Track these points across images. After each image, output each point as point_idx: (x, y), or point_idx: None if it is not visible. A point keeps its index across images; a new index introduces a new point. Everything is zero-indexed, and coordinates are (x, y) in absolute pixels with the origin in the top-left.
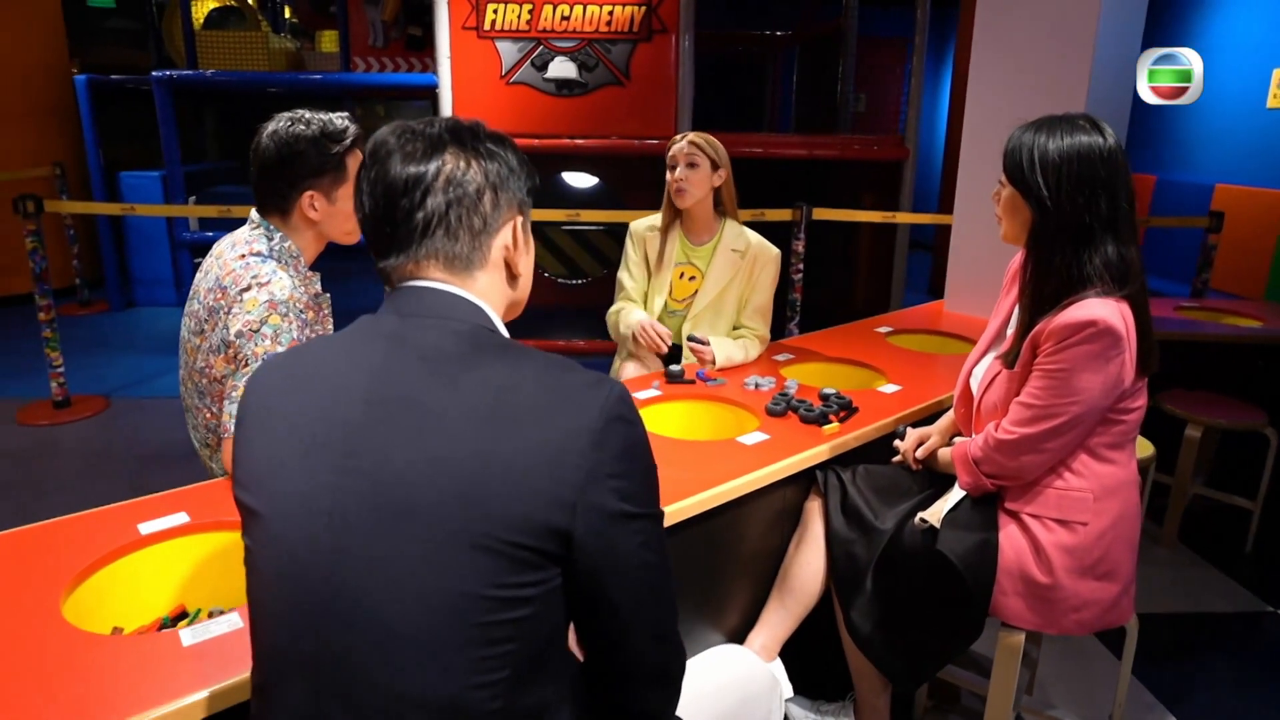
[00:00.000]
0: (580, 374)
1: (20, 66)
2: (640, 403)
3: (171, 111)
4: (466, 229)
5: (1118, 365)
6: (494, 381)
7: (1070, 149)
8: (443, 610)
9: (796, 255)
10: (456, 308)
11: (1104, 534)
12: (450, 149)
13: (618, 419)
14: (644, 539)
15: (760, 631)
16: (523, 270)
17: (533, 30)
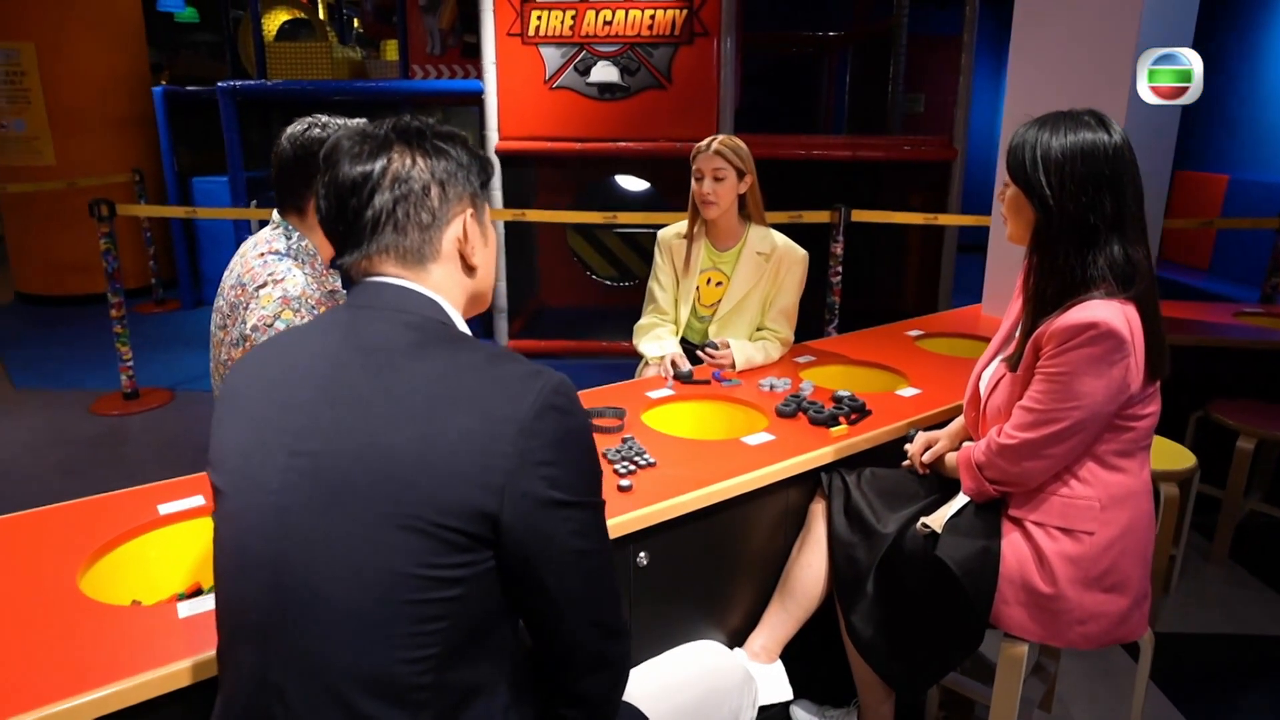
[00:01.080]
0: (520, 365)
1: (105, 79)
2: (653, 402)
3: (235, 120)
4: (415, 224)
5: (1122, 369)
6: (433, 371)
7: (1074, 146)
8: (375, 587)
9: (835, 258)
10: (408, 301)
11: (1111, 544)
12: (397, 148)
13: (551, 409)
14: (577, 526)
15: (761, 633)
16: (479, 262)
17: (575, 35)
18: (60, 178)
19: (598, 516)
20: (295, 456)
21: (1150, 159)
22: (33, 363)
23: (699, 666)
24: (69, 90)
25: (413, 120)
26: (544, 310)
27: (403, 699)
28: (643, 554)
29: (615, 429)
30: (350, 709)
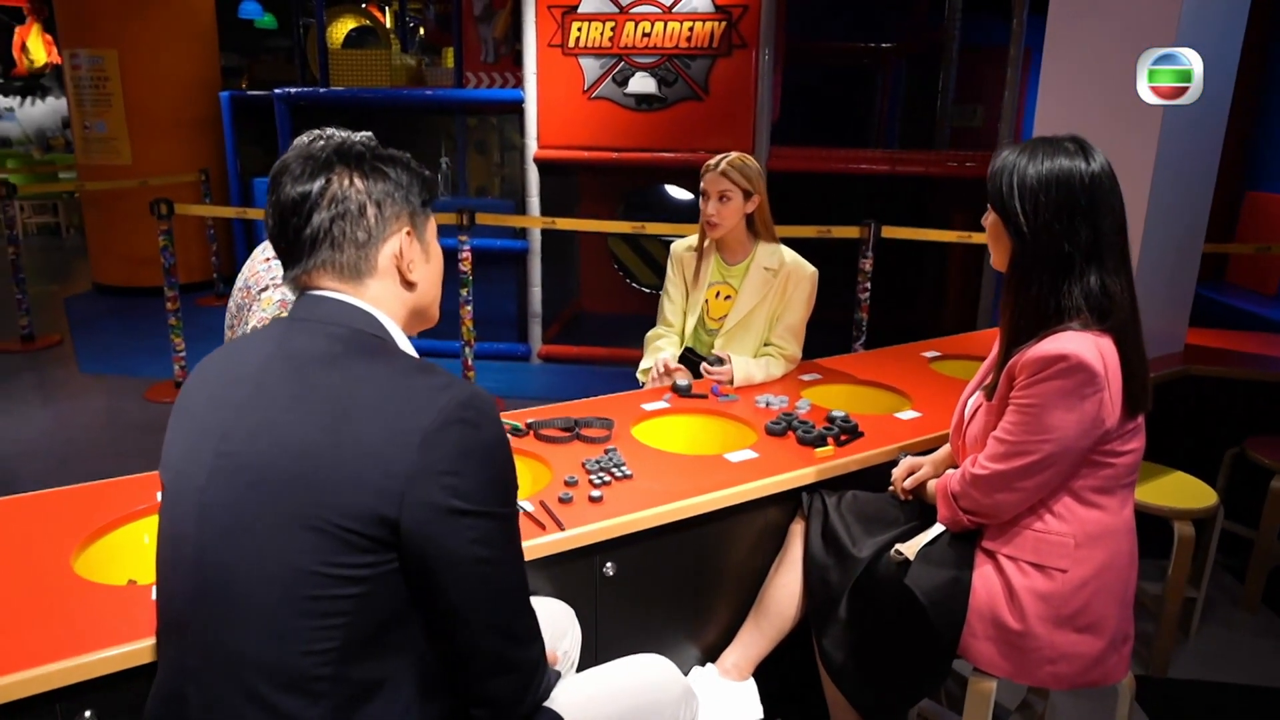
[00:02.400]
0: (435, 378)
1: (179, 84)
2: (647, 414)
3: (289, 125)
4: (351, 241)
5: (1094, 404)
6: (348, 380)
7: (1049, 173)
8: (280, 582)
9: (863, 274)
10: (341, 313)
11: (1085, 583)
12: (337, 169)
13: (456, 421)
14: (478, 535)
15: (734, 650)
16: (417, 278)
17: (614, 47)
18: (135, 176)
19: (504, 526)
20: (220, 457)
21: (1188, 176)
22: (99, 349)
23: (637, 678)
24: (145, 94)
25: (355, 142)
26: (582, 316)
27: (303, 689)
28: (610, 564)
29: (601, 439)
30: (254, 696)
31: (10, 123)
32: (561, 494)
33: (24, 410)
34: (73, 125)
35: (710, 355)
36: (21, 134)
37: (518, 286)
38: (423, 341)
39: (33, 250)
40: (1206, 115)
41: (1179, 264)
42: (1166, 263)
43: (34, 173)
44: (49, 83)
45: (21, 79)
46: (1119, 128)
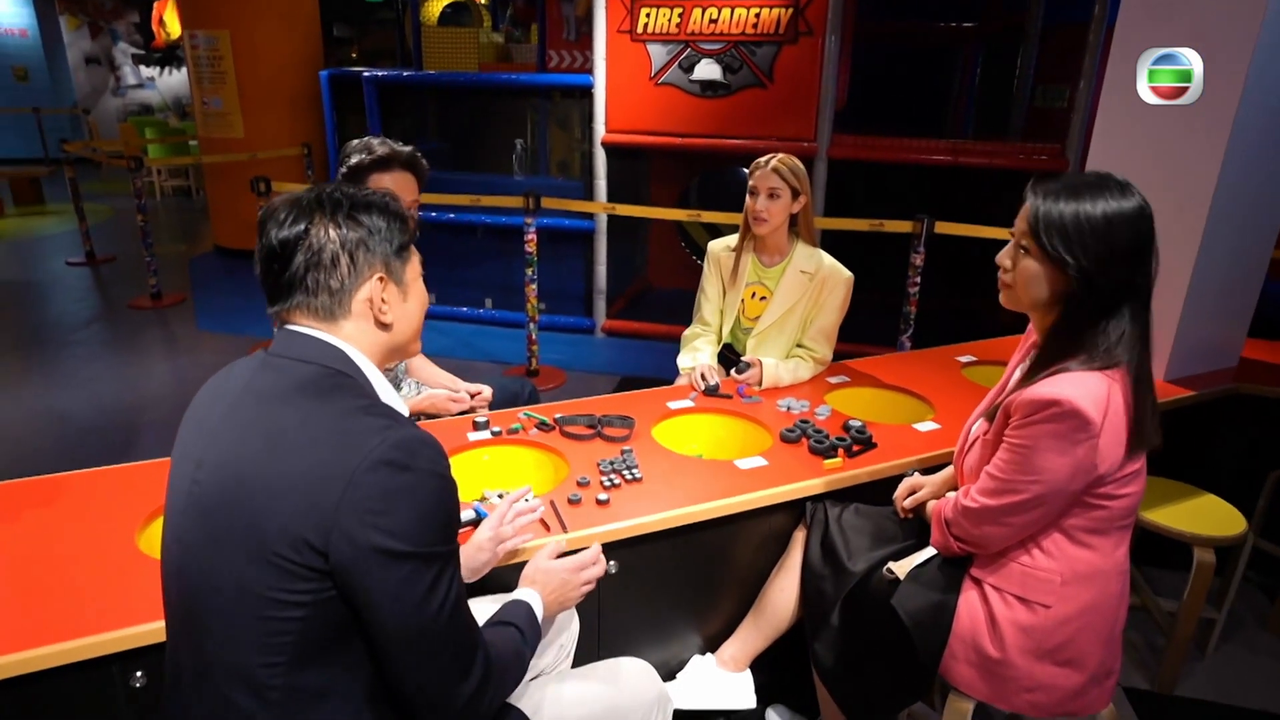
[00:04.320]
0: (375, 420)
1: (285, 62)
2: (671, 412)
3: (377, 104)
4: (324, 288)
5: (1086, 449)
6: (297, 417)
7: (1107, 216)
8: (234, 602)
9: (914, 269)
10: (313, 349)
11: (1068, 620)
12: (317, 217)
13: (385, 463)
14: (407, 575)
15: (732, 643)
16: (392, 319)
17: (682, 33)
18: (246, 149)
19: (433, 567)
20: (195, 483)
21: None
22: (215, 308)
23: (614, 681)
24: (255, 72)
25: (338, 191)
26: (649, 291)
27: (261, 695)
28: (613, 562)
29: (621, 439)
30: (221, 692)
31: (151, 91)
32: (571, 495)
33: (147, 363)
34: (193, 100)
35: (742, 362)
36: (161, 101)
37: (584, 264)
38: (494, 312)
39: (169, 210)
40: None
41: (1242, 273)
42: (1226, 271)
43: (167, 143)
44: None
45: (160, 50)
46: (1183, 125)
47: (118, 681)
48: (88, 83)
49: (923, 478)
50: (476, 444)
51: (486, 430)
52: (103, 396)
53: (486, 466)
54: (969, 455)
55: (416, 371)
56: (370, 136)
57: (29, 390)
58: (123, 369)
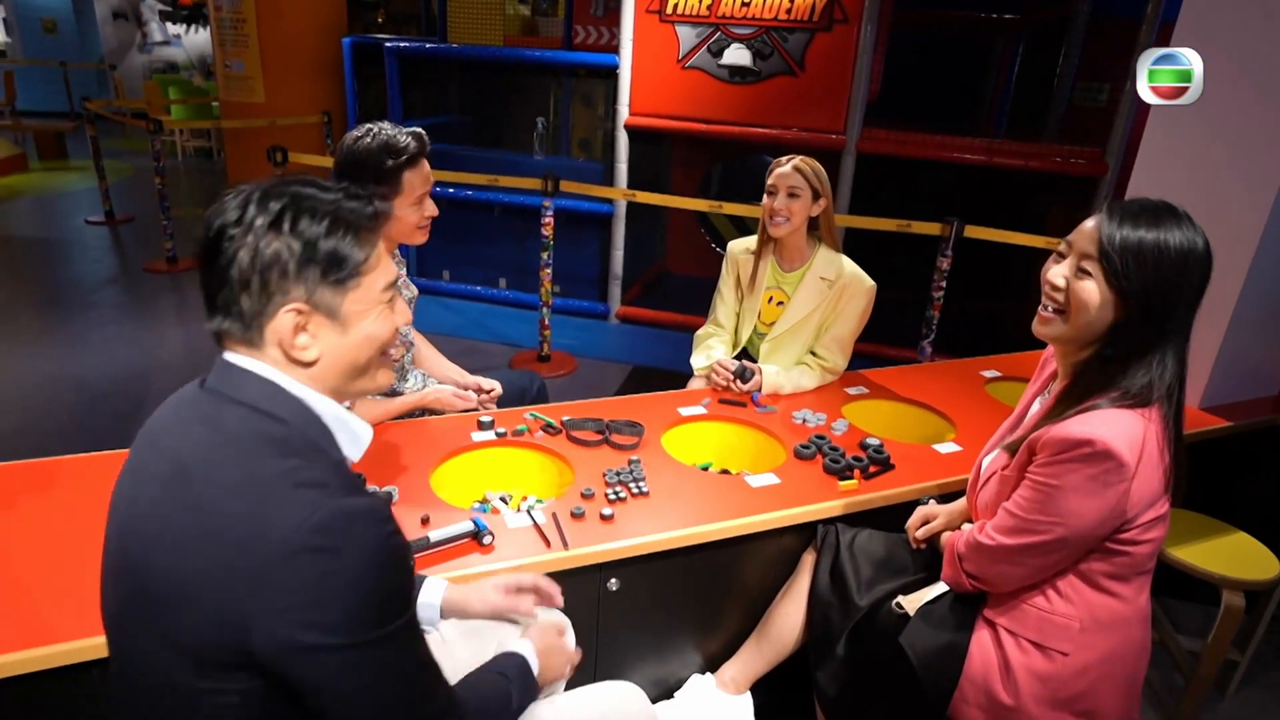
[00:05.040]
0: (302, 493)
1: (307, 28)
2: (682, 419)
3: (398, 75)
4: (234, 311)
5: (1117, 493)
6: (215, 487)
7: (1191, 249)
8: (159, 683)
9: (940, 273)
10: (242, 386)
11: (1087, 669)
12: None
13: (307, 550)
14: (342, 666)
15: (734, 664)
16: (316, 355)
17: (712, 16)
18: (266, 114)
19: (387, 648)
20: (121, 537)
21: None
22: None
23: (602, 705)
24: (278, 36)
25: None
26: (667, 277)
27: None
28: (614, 580)
29: (629, 446)
30: None
31: (177, 48)
32: (575, 508)
33: (159, 329)
34: (215, 63)
35: (745, 368)
36: (186, 59)
37: (601, 248)
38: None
39: (190, 171)
40: None
41: None
42: (1275, 292)
43: (190, 104)
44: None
45: (186, 8)
46: (1240, 139)
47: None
48: (114, 37)
49: (937, 507)
50: (481, 445)
51: (491, 431)
52: (114, 362)
53: (489, 468)
54: (984, 491)
55: (424, 362)
56: (378, 126)
57: (44, 351)
58: (135, 334)
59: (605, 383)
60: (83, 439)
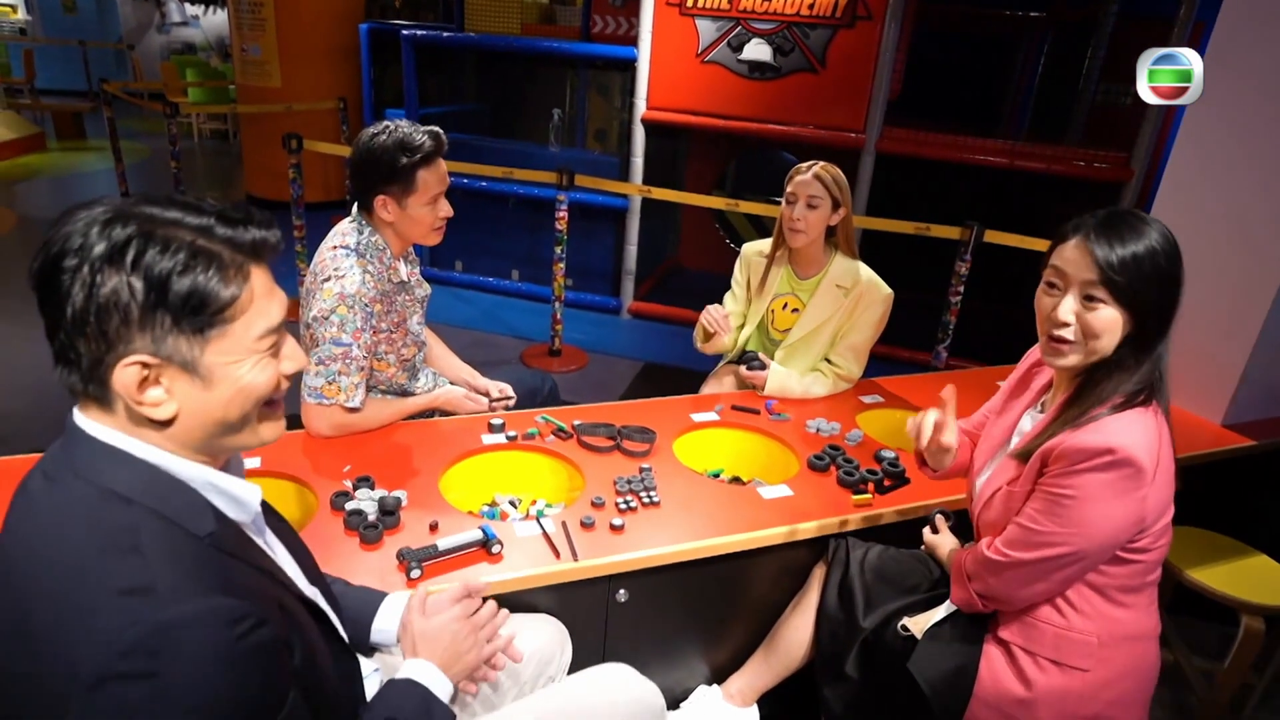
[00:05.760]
0: (124, 602)
1: (325, 13)
2: (694, 425)
3: (414, 63)
4: (72, 362)
5: (1136, 501)
6: (41, 599)
7: (1172, 251)
8: None
9: (958, 277)
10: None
11: (1107, 686)
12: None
13: (116, 677)
14: None
15: (740, 677)
16: (173, 413)
17: (733, 10)
18: (282, 100)
19: None
20: None
21: None
22: None
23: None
24: (296, 21)
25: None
26: (680, 272)
27: None
28: (622, 591)
29: (641, 454)
30: None
31: (195, 29)
32: (584, 517)
33: None
34: (232, 47)
35: (755, 360)
36: (204, 40)
37: (614, 242)
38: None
39: (205, 153)
40: None
41: None
42: None
43: (207, 86)
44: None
45: None
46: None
47: None
48: (133, 17)
49: (943, 522)
50: (491, 448)
51: (502, 434)
52: None
53: (499, 471)
54: (987, 512)
55: (435, 361)
56: (395, 123)
57: None
58: None
59: (616, 379)
60: None
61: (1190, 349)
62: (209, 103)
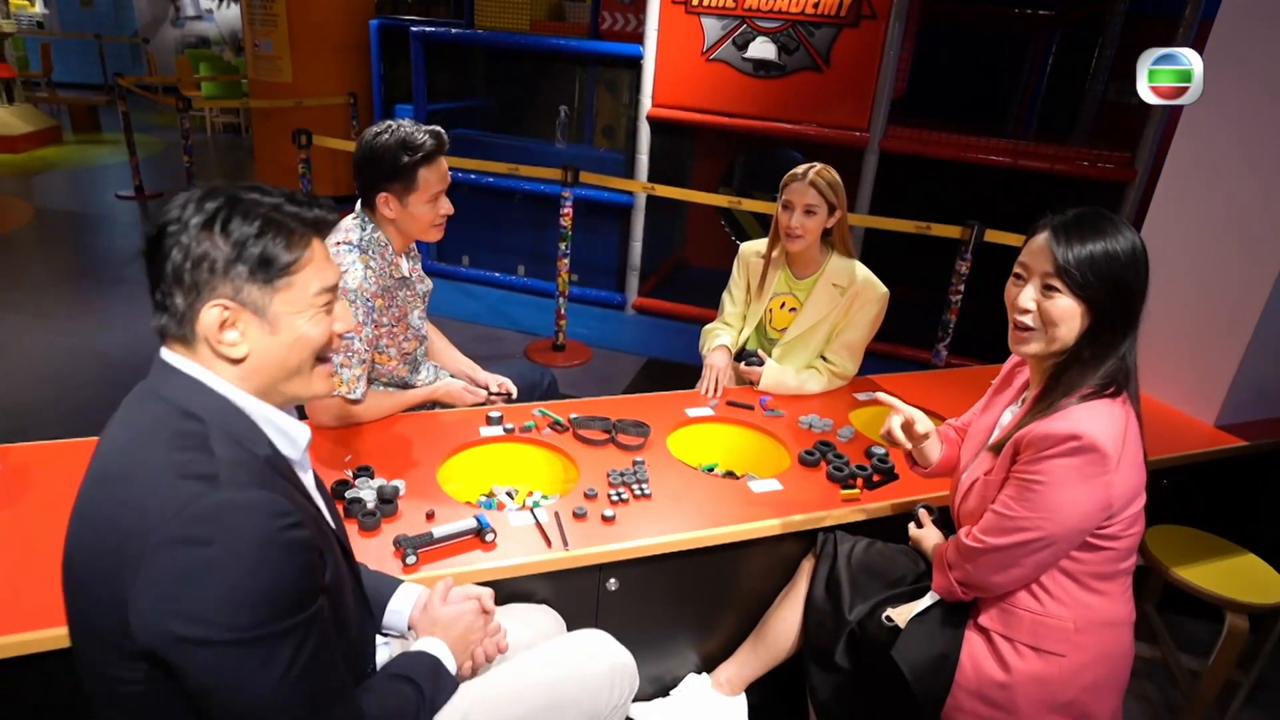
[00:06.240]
0: (187, 485)
1: (336, 8)
2: (688, 420)
3: (423, 60)
4: (170, 308)
5: (1102, 486)
6: (125, 483)
7: (1133, 251)
8: (84, 665)
9: (958, 275)
10: (170, 384)
11: (1083, 669)
12: (184, 217)
13: (179, 541)
14: (209, 663)
15: (729, 666)
16: (245, 353)
17: (739, 8)
18: (293, 95)
19: (264, 649)
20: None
21: None
22: None
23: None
24: (307, 16)
25: (228, 191)
26: (686, 268)
27: None
28: (613, 580)
29: (635, 447)
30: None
31: (209, 23)
32: (577, 508)
33: None
34: (245, 42)
35: (748, 353)
36: (218, 35)
37: (620, 238)
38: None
39: (218, 147)
40: None
41: None
42: None
43: (220, 81)
44: None
45: None
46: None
47: None
48: (148, 11)
49: (927, 517)
50: (488, 440)
51: (499, 426)
52: (136, 338)
53: (496, 463)
54: (966, 502)
55: (436, 355)
56: (398, 123)
57: (72, 325)
58: None
59: (619, 374)
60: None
61: (1184, 349)
62: (222, 97)
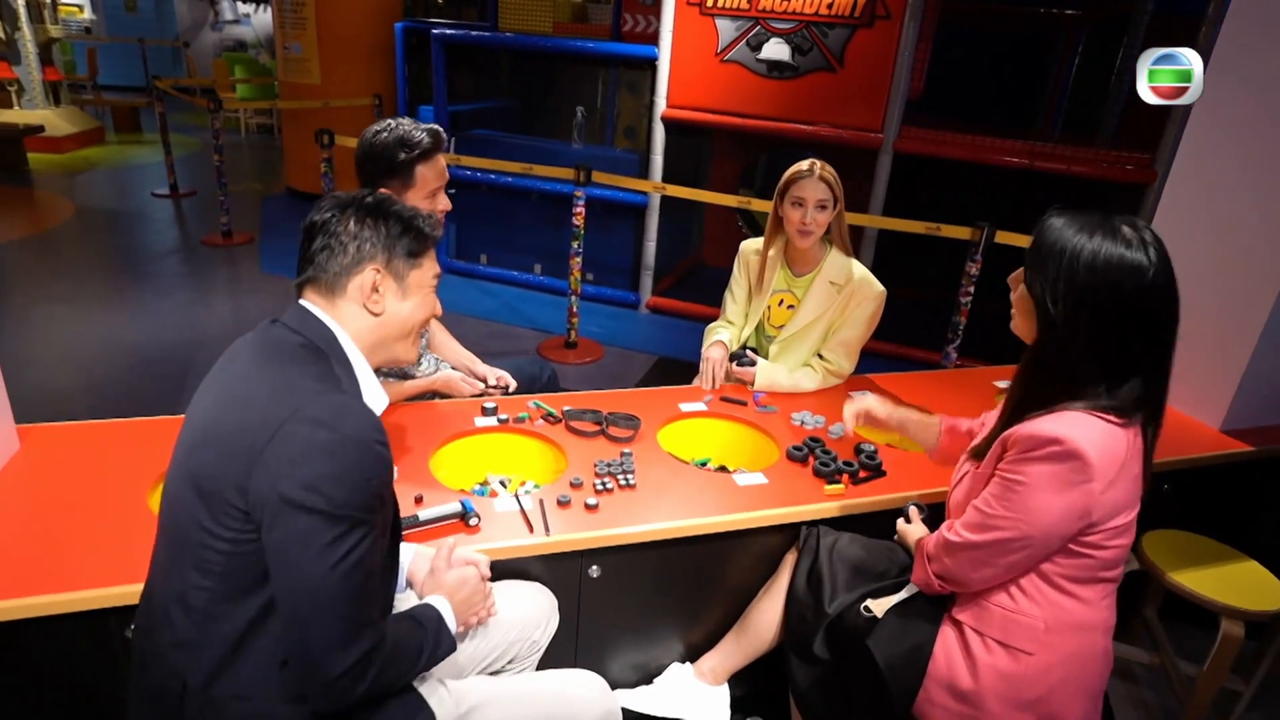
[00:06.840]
0: (319, 385)
1: (363, 12)
2: (681, 415)
3: (443, 61)
4: (330, 268)
5: (1081, 494)
6: (265, 376)
7: (1110, 262)
8: (180, 529)
9: (968, 277)
10: (307, 323)
11: (1050, 669)
12: (346, 211)
13: (310, 420)
14: (299, 530)
15: (712, 656)
16: (382, 309)
17: (753, 10)
18: (322, 96)
19: (341, 528)
20: (192, 417)
21: None
22: (280, 250)
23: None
24: (335, 19)
25: (374, 197)
26: (701, 269)
27: (188, 613)
28: (595, 567)
29: (624, 439)
30: (163, 609)
31: (246, 27)
32: (561, 495)
33: (210, 300)
34: (276, 44)
35: (745, 355)
36: (254, 38)
37: (634, 238)
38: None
39: (251, 147)
40: None
41: None
42: None
43: (255, 83)
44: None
45: None
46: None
47: (114, 633)
48: (189, 15)
49: (917, 514)
50: (482, 430)
51: (494, 417)
52: (166, 330)
53: (490, 452)
54: (955, 492)
55: (438, 348)
56: (397, 122)
57: (105, 318)
58: (188, 306)
59: (629, 372)
60: (133, 403)
61: (1190, 353)
62: (255, 99)
